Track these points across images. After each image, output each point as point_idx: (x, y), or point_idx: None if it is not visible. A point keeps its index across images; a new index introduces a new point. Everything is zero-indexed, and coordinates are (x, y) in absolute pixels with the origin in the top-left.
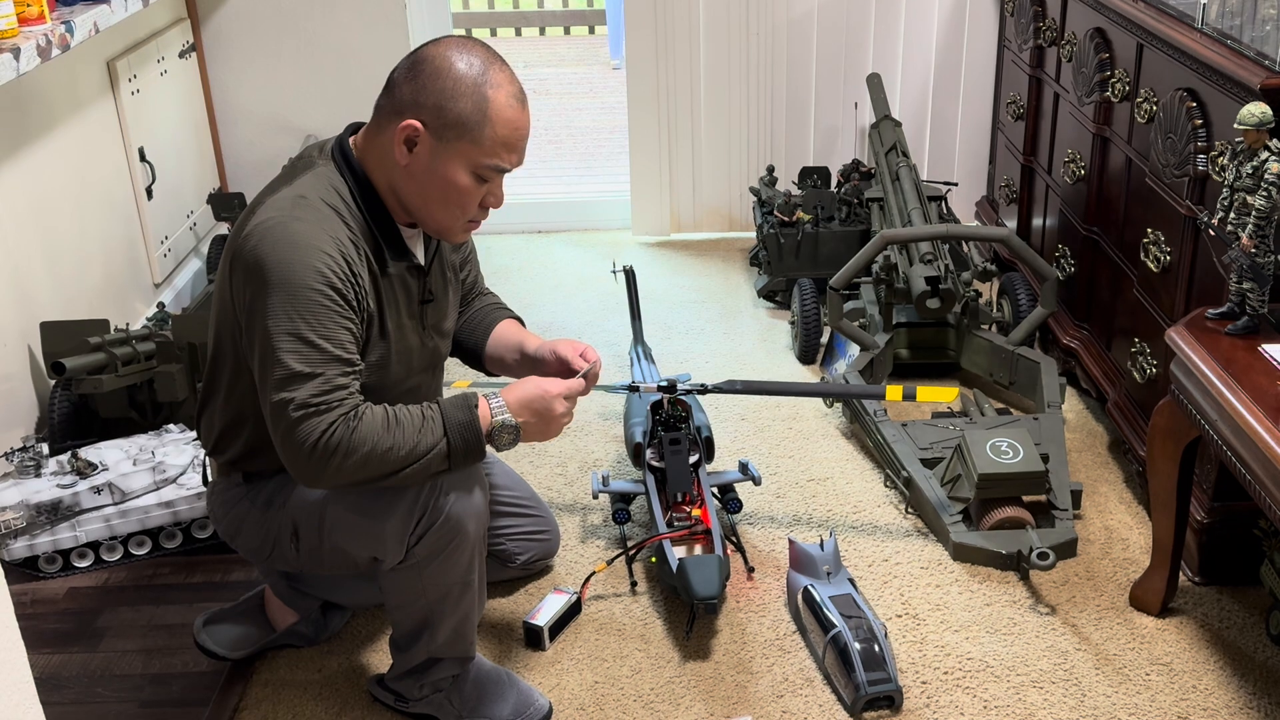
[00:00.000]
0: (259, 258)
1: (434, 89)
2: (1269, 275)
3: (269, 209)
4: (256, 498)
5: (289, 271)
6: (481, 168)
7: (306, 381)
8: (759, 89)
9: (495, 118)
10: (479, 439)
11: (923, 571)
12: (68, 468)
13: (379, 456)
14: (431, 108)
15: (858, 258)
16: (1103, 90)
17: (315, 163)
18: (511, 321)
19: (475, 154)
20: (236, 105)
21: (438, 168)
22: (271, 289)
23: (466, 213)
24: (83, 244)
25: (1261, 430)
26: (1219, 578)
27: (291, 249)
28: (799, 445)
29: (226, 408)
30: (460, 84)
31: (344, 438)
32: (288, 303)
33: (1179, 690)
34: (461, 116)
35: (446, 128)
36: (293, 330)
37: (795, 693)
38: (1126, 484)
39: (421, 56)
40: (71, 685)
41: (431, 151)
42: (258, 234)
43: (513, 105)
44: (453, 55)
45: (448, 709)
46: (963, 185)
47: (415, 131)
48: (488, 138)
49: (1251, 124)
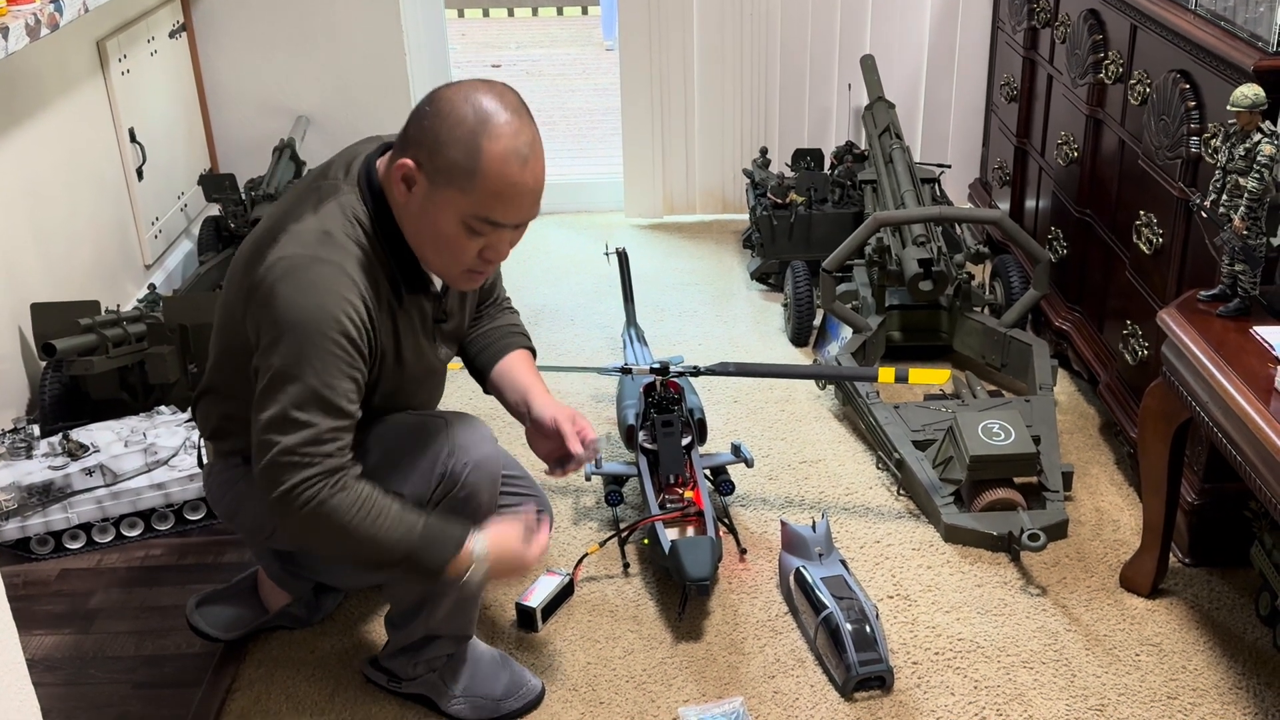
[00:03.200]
0: (279, 297)
1: (433, 130)
2: (1261, 257)
3: (294, 242)
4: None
5: (307, 316)
6: (471, 219)
7: (299, 429)
8: (753, 70)
9: (486, 170)
10: (432, 580)
11: (914, 553)
12: (59, 449)
13: (341, 531)
14: (428, 148)
15: (850, 240)
16: (1096, 72)
17: (340, 187)
18: (524, 355)
19: (464, 204)
20: (227, 86)
21: (429, 211)
22: (287, 331)
23: (461, 263)
24: (73, 225)
25: (1252, 412)
26: (1209, 559)
27: (312, 293)
28: (791, 427)
29: (227, 403)
30: (456, 130)
31: (319, 499)
32: (301, 347)
33: (1168, 670)
34: (452, 163)
35: (438, 172)
36: (299, 375)
37: (787, 673)
38: (1118, 465)
39: (437, 94)
40: (64, 666)
41: (425, 194)
42: (280, 270)
43: (509, 161)
44: (461, 99)
45: (441, 688)
46: (956, 167)
47: (410, 171)
48: (477, 189)
49: (1244, 106)
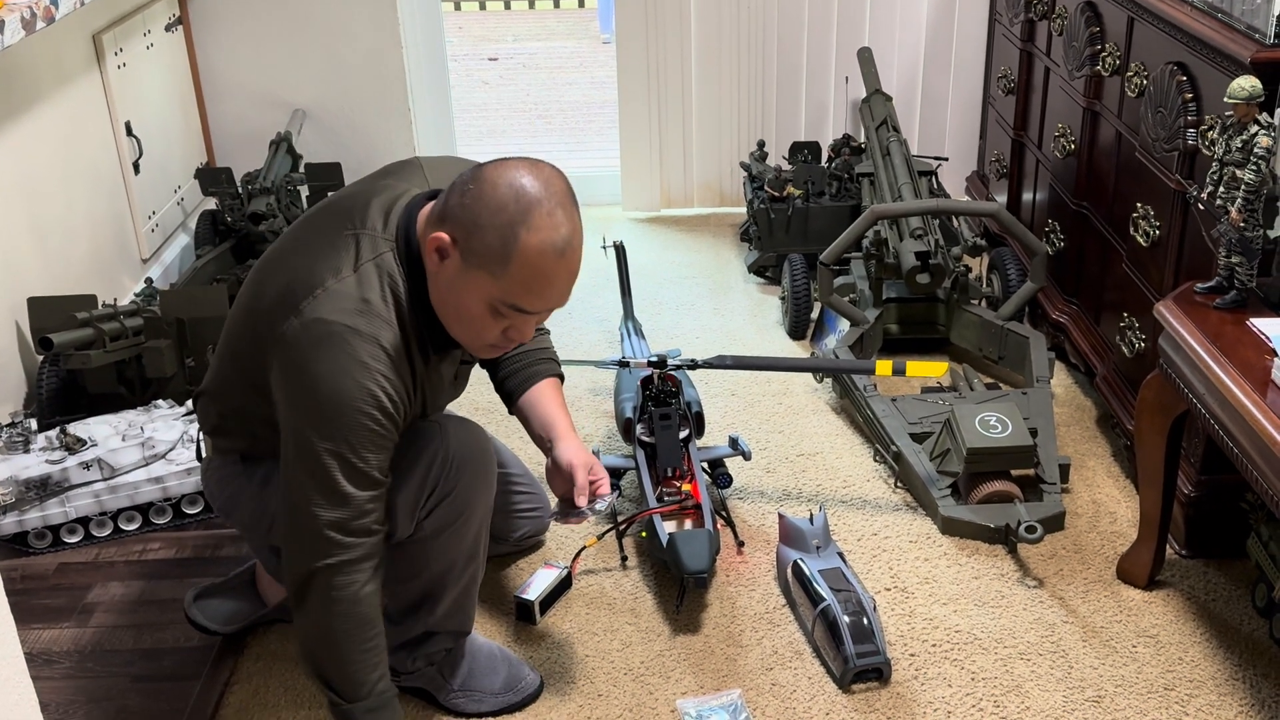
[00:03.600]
0: (315, 366)
1: (473, 210)
2: (1257, 249)
3: (332, 305)
4: (253, 475)
5: (344, 394)
6: (498, 303)
7: (340, 505)
8: (750, 63)
9: (520, 260)
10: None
11: (911, 545)
12: (56, 443)
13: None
14: (465, 227)
15: (848, 233)
16: (1093, 64)
17: (378, 241)
18: (553, 386)
19: (493, 289)
20: (223, 79)
21: (458, 287)
22: (324, 405)
23: (483, 339)
24: (69, 219)
25: (1249, 404)
26: (1206, 550)
27: (350, 369)
28: (789, 420)
29: (226, 404)
30: (497, 216)
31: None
32: (333, 421)
33: (1165, 662)
34: (487, 247)
35: (472, 253)
36: (335, 450)
37: (784, 665)
38: (1114, 458)
39: (482, 171)
40: (62, 660)
41: (456, 270)
42: (316, 335)
43: (544, 254)
44: (506, 182)
45: (439, 682)
46: (953, 160)
47: (445, 245)
48: (509, 276)
49: (1241, 97)
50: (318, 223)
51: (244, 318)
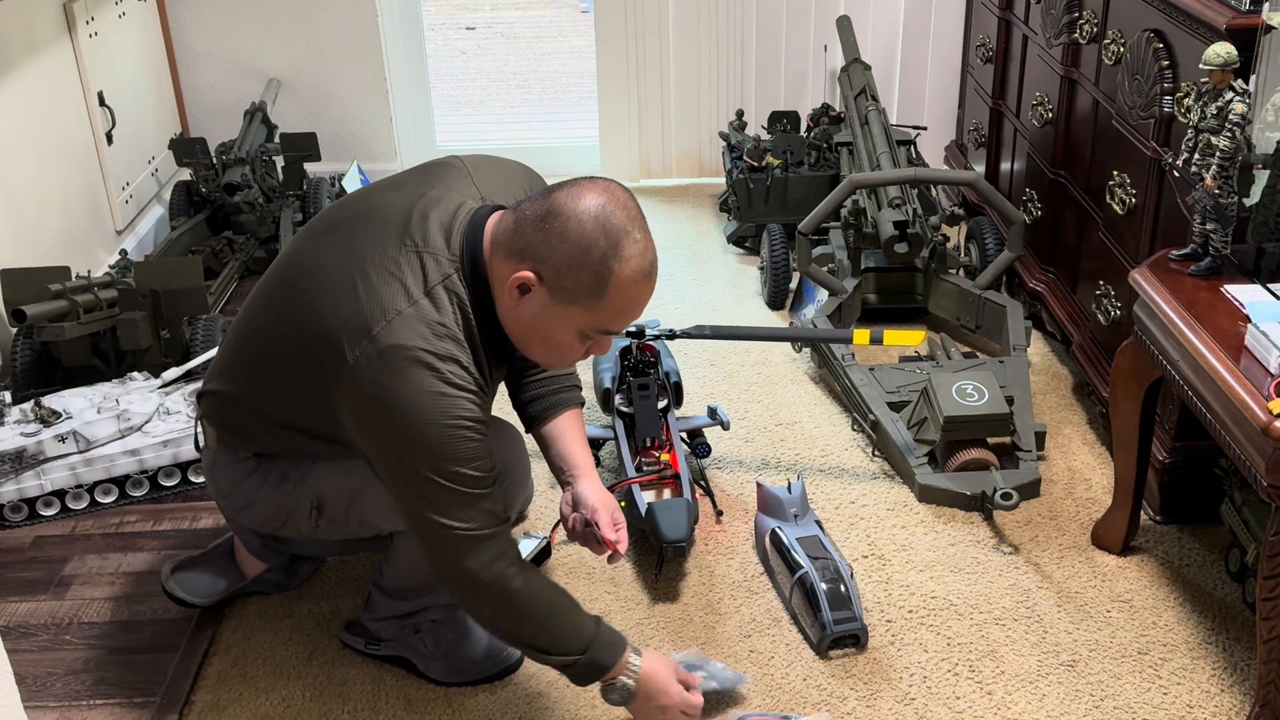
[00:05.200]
0: (403, 397)
1: (559, 250)
2: (1232, 216)
3: (407, 330)
4: (269, 473)
5: (437, 416)
6: (590, 331)
7: (470, 516)
8: (728, 32)
9: (614, 292)
10: (599, 678)
11: (889, 513)
12: (31, 416)
13: (538, 615)
14: (554, 267)
15: (826, 202)
16: (1071, 32)
17: (442, 262)
18: (576, 419)
19: (586, 319)
20: (197, 48)
21: (546, 320)
22: (420, 432)
23: (566, 360)
24: (42, 190)
25: (1223, 370)
26: (1180, 516)
27: (440, 389)
28: (767, 390)
29: (253, 413)
30: (587, 254)
31: (508, 577)
32: (439, 446)
33: (1139, 626)
34: (580, 285)
35: (563, 290)
36: (445, 469)
37: (763, 633)
38: (1090, 425)
39: (556, 206)
40: (39, 633)
41: (542, 306)
42: (397, 365)
43: (637, 281)
44: (589, 215)
45: (421, 650)
46: (932, 129)
47: (530, 282)
48: (603, 307)
49: (1216, 64)
50: (364, 234)
51: (290, 331)
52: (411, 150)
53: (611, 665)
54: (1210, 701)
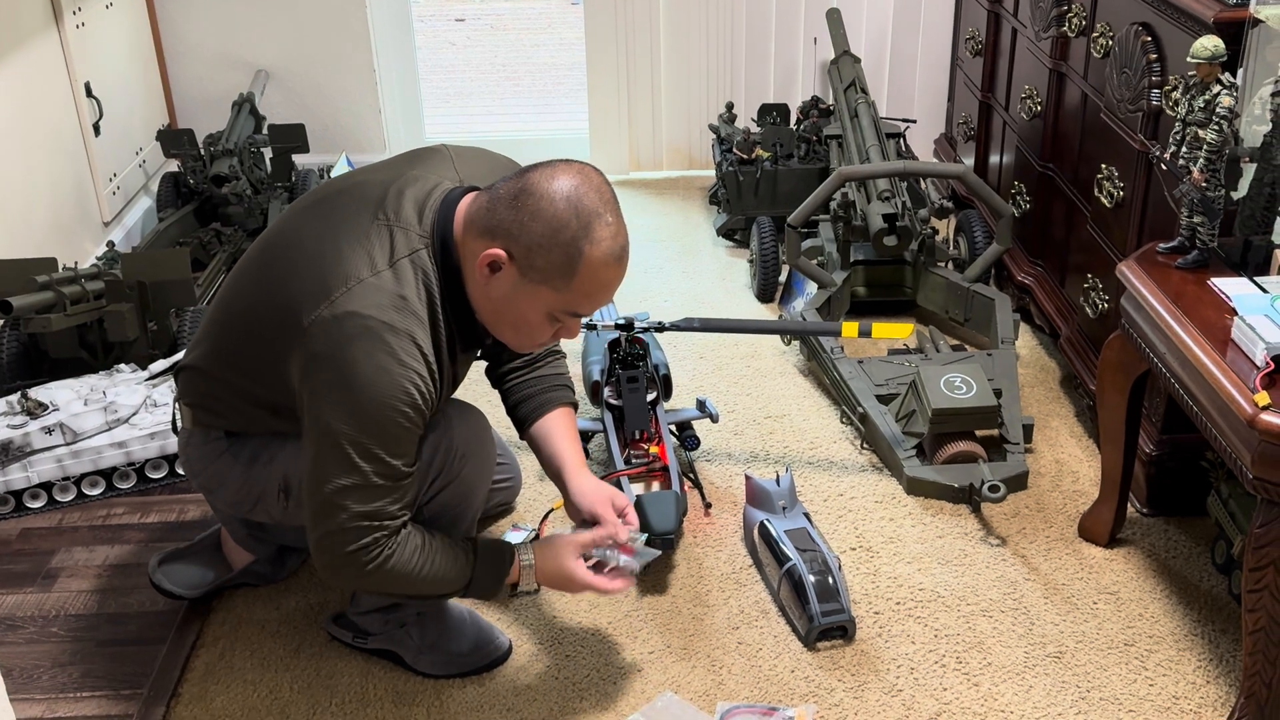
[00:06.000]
0: (351, 362)
1: (530, 229)
2: (1219, 209)
3: (366, 298)
4: (240, 453)
5: (379, 391)
6: (559, 312)
7: (368, 499)
8: (719, 24)
9: (584, 273)
10: (495, 595)
11: (877, 505)
12: (18, 408)
13: (405, 580)
14: (524, 245)
15: (815, 195)
16: (1060, 25)
17: (413, 237)
18: (566, 417)
19: (555, 300)
20: (185, 39)
21: (516, 299)
22: (355, 398)
23: (536, 341)
24: (29, 181)
25: (1209, 363)
26: (1166, 509)
27: (385, 365)
28: (756, 383)
29: (217, 385)
30: (559, 234)
31: (384, 556)
32: (368, 418)
33: (1126, 618)
34: (551, 265)
35: (533, 269)
36: (364, 446)
37: (751, 624)
38: (1077, 418)
39: (530, 185)
40: (26, 625)
41: (513, 284)
42: (352, 330)
43: (608, 264)
44: (561, 195)
45: (408, 643)
46: (921, 122)
47: (500, 260)
48: (573, 289)
49: (1204, 57)
50: (341, 208)
51: (259, 300)
52: (400, 142)
53: (499, 583)
54: (1196, 693)
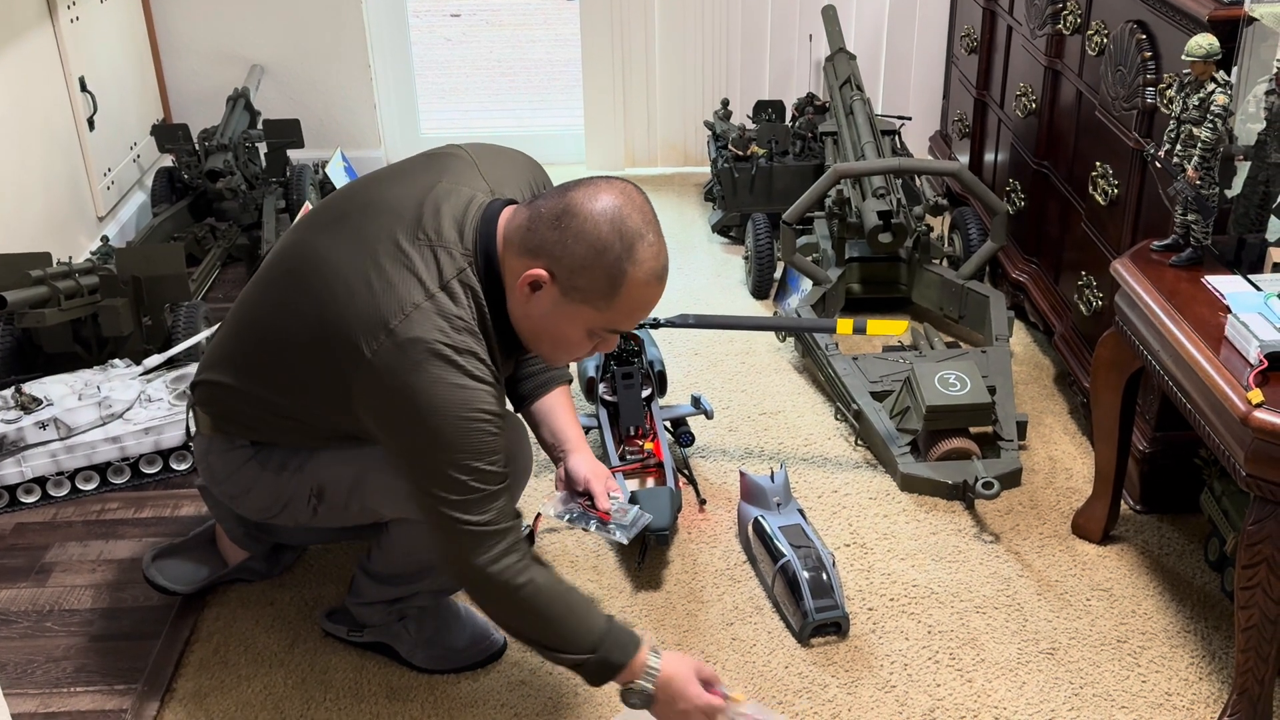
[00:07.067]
0: (423, 392)
1: (573, 250)
2: (1213, 207)
3: (425, 324)
4: (268, 462)
5: (455, 409)
6: (599, 330)
7: (482, 508)
8: (714, 21)
9: (626, 293)
10: (611, 677)
11: (871, 502)
12: (11, 403)
13: (530, 615)
14: (567, 267)
15: (810, 192)
16: (1055, 23)
17: (456, 256)
18: (564, 396)
19: (596, 319)
20: (180, 33)
21: (556, 318)
22: (438, 423)
23: (574, 356)
24: (23, 176)
25: (1203, 360)
26: (1160, 506)
27: (460, 381)
28: (751, 379)
29: (253, 404)
30: (602, 256)
31: (522, 570)
32: (460, 441)
33: (1119, 615)
34: (593, 285)
35: (575, 290)
36: (466, 464)
37: (745, 620)
38: (1071, 415)
39: (572, 206)
40: (20, 620)
41: (554, 302)
42: (417, 357)
43: (649, 284)
44: (605, 217)
45: (404, 637)
46: (917, 120)
47: (542, 280)
48: (614, 308)
49: (1199, 55)
50: (372, 227)
51: (297, 324)
52: (395, 137)
53: (623, 664)
54: (1189, 689)
